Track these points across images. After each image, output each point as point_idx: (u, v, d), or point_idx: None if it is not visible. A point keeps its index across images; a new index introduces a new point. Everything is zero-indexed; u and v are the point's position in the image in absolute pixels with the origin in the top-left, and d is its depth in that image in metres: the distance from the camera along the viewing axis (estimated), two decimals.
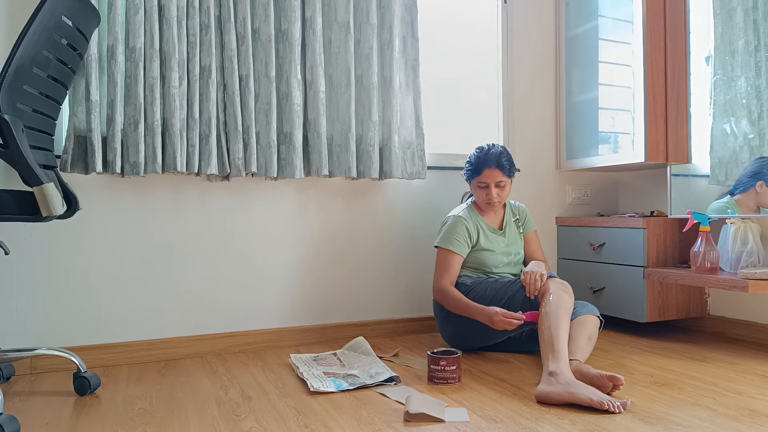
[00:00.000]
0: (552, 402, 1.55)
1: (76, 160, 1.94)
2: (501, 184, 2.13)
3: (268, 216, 2.29)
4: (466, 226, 2.15)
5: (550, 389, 1.56)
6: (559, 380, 1.57)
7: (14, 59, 1.33)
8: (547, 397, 1.55)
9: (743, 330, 2.36)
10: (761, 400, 1.58)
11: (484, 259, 2.16)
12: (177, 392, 1.70)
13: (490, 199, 2.14)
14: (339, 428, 1.40)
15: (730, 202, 2.14)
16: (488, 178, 2.12)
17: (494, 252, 2.17)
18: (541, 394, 1.57)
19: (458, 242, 2.13)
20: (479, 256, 2.16)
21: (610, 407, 1.47)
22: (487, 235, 2.18)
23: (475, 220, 2.18)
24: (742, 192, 2.10)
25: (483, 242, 2.16)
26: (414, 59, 2.42)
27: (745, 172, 2.09)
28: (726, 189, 2.20)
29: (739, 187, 2.10)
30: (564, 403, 1.53)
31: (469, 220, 2.17)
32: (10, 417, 1.33)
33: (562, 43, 2.83)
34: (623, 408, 1.49)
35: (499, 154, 2.12)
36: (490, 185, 2.13)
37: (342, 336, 2.39)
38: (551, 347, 1.67)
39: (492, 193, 2.13)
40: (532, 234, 2.29)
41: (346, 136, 2.28)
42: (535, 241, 2.29)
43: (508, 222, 2.24)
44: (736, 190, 2.11)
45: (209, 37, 2.07)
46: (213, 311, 2.19)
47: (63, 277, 1.99)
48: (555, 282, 1.89)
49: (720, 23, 2.22)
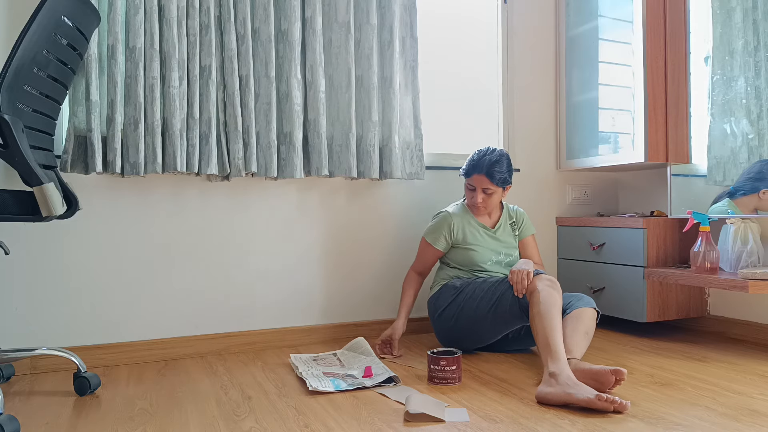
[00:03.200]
0: (551, 403, 1.55)
1: (76, 160, 1.94)
2: (488, 192, 2.12)
3: (268, 216, 2.29)
4: (450, 224, 2.16)
5: (549, 390, 1.56)
6: (559, 381, 1.56)
7: (14, 59, 1.33)
8: (546, 398, 1.55)
9: (743, 330, 2.36)
10: (761, 400, 1.58)
11: (471, 256, 2.16)
12: (177, 392, 1.70)
13: (475, 202, 2.13)
14: (339, 428, 1.40)
15: (730, 205, 2.14)
16: (475, 183, 2.12)
17: (482, 249, 2.16)
18: (540, 395, 1.57)
19: (436, 237, 2.17)
20: (466, 254, 2.16)
21: (607, 406, 1.45)
22: (476, 232, 2.17)
23: (464, 217, 2.18)
24: (744, 195, 2.09)
25: (470, 239, 2.16)
26: (413, 60, 2.42)
27: (747, 176, 2.08)
28: (724, 189, 2.20)
29: (740, 190, 2.09)
30: (563, 404, 1.53)
31: (456, 217, 2.17)
32: (10, 417, 1.33)
33: (562, 43, 2.83)
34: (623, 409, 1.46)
35: (492, 163, 2.08)
36: (477, 189, 2.13)
37: (342, 336, 2.39)
38: (548, 349, 1.66)
39: (477, 197, 2.12)
40: (530, 238, 2.28)
41: (347, 136, 2.28)
42: (532, 245, 2.29)
43: (503, 223, 2.23)
44: (737, 193, 2.10)
45: (209, 37, 2.07)
46: (213, 311, 2.19)
47: (63, 277, 1.99)
48: (542, 279, 1.85)
49: (719, 23, 2.23)
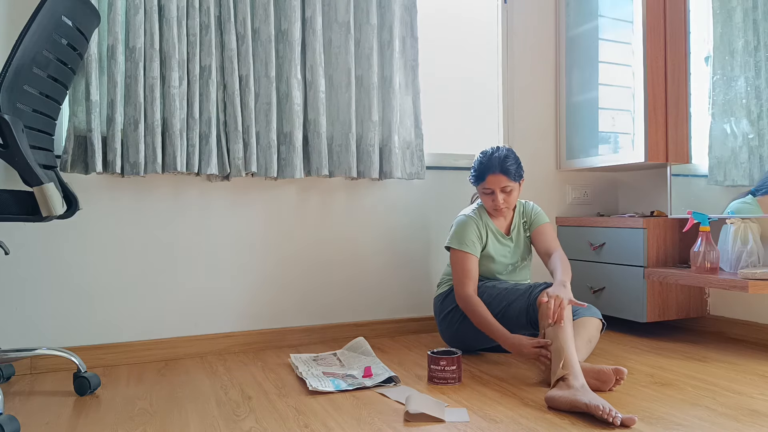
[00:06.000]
0: (558, 407, 1.51)
1: (76, 160, 1.94)
2: (507, 189, 2.03)
3: (268, 216, 2.29)
4: (476, 225, 2.08)
5: (558, 394, 1.53)
6: (569, 384, 1.54)
7: (14, 59, 1.33)
8: (553, 401, 1.53)
9: (743, 330, 2.36)
10: (761, 400, 1.58)
11: (488, 265, 2.11)
12: (177, 392, 1.70)
13: (496, 205, 2.04)
14: (339, 428, 1.40)
15: (753, 202, 2.12)
16: (492, 184, 2.02)
17: (499, 261, 2.11)
18: (548, 397, 1.54)
19: (471, 242, 2.04)
20: (484, 263, 2.11)
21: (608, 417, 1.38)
22: (495, 239, 2.11)
23: (484, 221, 2.10)
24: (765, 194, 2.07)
25: (490, 247, 2.09)
26: (413, 60, 2.42)
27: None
28: (727, 189, 2.20)
29: (761, 189, 2.08)
30: (569, 408, 1.49)
31: (479, 220, 2.10)
32: (10, 417, 1.33)
33: (562, 43, 2.83)
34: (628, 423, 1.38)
35: (503, 158, 2.01)
36: (496, 191, 2.03)
37: (342, 336, 2.39)
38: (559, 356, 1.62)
39: (498, 199, 2.03)
40: (542, 226, 2.13)
41: (346, 136, 2.28)
42: (547, 233, 2.12)
43: (517, 225, 2.14)
44: (758, 192, 2.09)
45: (209, 37, 2.07)
46: (213, 311, 2.19)
47: (63, 277, 1.99)
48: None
49: (719, 23, 2.22)
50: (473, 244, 2.05)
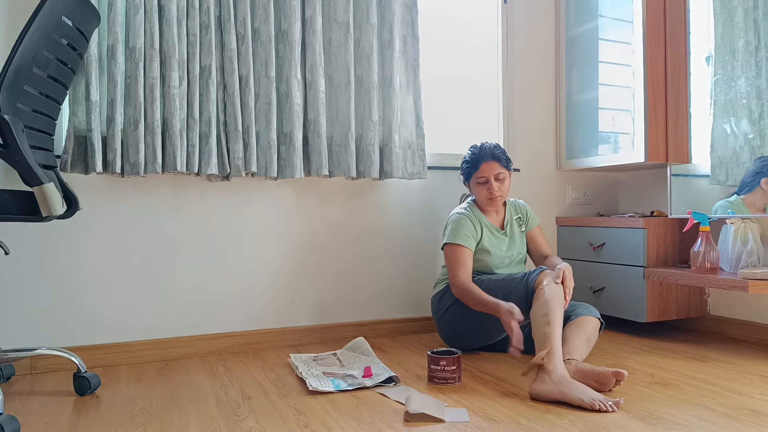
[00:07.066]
0: (544, 400, 1.56)
1: (76, 160, 1.94)
2: (500, 177, 2.11)
3: (268, 216, 2.29)
4: (470, 221, 2.11)
5: (542, 387, 1.56)
6: (552, 378, 1.57)
7: (14, 59, 1.33)
8: (539, 395, 1.56)
9: (743, 330, 2.36)
10: (761, 400, 1.58)
11: (485, 260, 2.14)
12: (177, 392, 1.70)
13: (491, 193, 2.09)
14: (339, 428, 1.40)
15: (737, 201, 2.14)
16: (486, 172, 2.09)
17: (496, 254, 2.13)
18: (533, 391, 1.58)
19: (466, 236, 2.08)
20: (481, 257, 2.14)
21: (601, 407, 1.47)
22: (490, 234, 2.15)
23: (477, 216, 2.15)
24: (749, 192, 2.09)
25: (485, 241, 2.13)
26: (414, 59, 2.42)
27: (748, 172, 2.09)
28: (727, 189, 2.20)
29: (744, 187, 2.10)
30: (555, 401, 1.54)
31: (473, 216, 2.13)
32: (10, 417, 1.33)
33: (562, 43, 2.83)
34: (616, 407, 1.48)
35: (494, 147, 2.13)
36: (490, 179, 2.09)
37: (342, 336, 2.39)
38: (543, 344, 1.66)
39: (492, 186, 2.09)
40: (536, 229, 2.25)
41: (346, 136, 2.27)
42: (540, 236, 2.25)
43: (510, 221, 2.20)
44: (742, 191, 2.11)
45: (209, 37, 2.07)
46: (213, 311, 2.19)
47: (63, 276, 1.99)
48: (549, 275, 1.83)
49: (720, 23, 2.22)
50: (467, 238, 2.08)
